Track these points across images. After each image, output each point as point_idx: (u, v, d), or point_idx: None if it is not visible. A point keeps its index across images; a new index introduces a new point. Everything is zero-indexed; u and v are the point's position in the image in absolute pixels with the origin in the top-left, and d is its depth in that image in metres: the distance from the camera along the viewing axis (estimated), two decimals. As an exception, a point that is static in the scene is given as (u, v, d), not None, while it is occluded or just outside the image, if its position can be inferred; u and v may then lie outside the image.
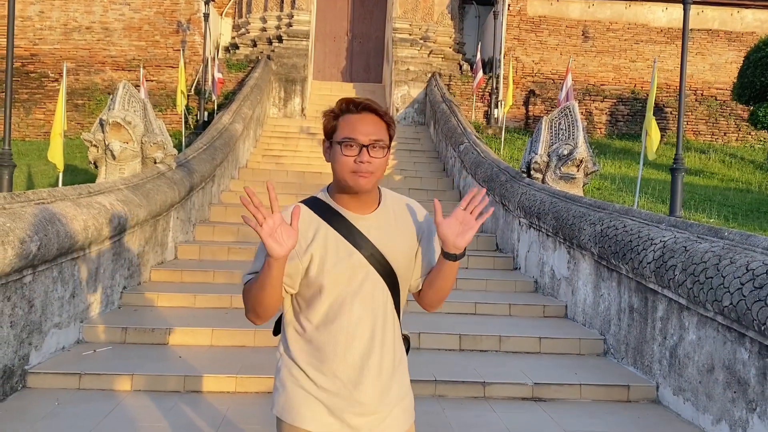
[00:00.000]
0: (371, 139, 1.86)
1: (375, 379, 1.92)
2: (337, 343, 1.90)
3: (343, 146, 1.86)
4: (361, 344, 1.91)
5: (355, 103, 1.89)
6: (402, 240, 1.98)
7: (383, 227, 1.96)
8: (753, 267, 3.57)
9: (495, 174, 9.00)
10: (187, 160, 8.40)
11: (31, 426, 3.56)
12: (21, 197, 4.33)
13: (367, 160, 1.85)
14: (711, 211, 9.68)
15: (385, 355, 1.95)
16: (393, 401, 1.97)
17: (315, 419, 1.91)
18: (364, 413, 1.92)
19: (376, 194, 1.99)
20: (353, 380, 1.91)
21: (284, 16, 17.56)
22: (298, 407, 1.92)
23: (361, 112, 1.88)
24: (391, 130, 1.93)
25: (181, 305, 5.86)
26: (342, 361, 1.90)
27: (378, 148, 1.87)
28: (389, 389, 1.96)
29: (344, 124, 1.88)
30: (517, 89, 17.13)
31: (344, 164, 1.86)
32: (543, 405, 4.29)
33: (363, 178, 1.86)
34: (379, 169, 1.89)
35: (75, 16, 17.04)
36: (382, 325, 1.94)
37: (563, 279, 6.29)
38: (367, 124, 1.87)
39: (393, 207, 2.02)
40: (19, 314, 4.07)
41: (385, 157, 1.90)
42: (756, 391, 3.46)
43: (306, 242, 1.89)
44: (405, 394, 2.03)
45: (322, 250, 1.89)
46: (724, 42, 17.99)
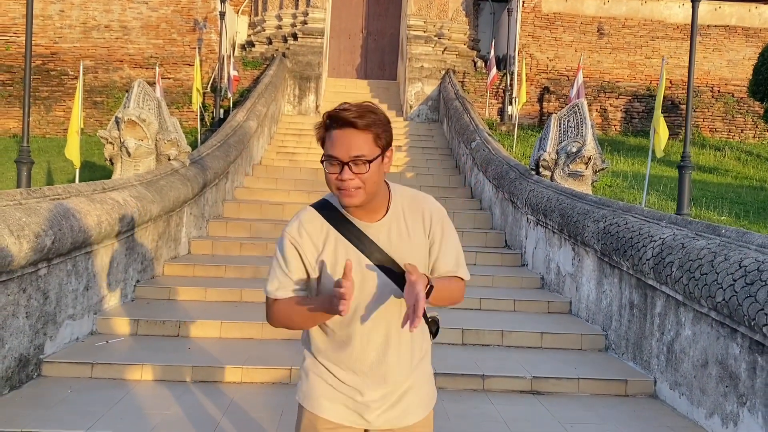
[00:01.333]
0: (351, 155, 1.81)
1: (392, 376, 1.98)
2: (354, 348, 1.96)
3: (327, 163, 1.85)
4: (375, 349, 1.96)
5: (335, 119, 1.84)
6: (413, 244, 1.97)
7: (393, 233, 1.96)
8: (746, 264, 3.63)
9: (504, 171, 9.07)
10: (201, 157, 8.57)
11: (45, 411, 3.72)
12: (37, 193, 4.50)
13: (348, 178, 1.82)
14: (722, 209, 9.67)
15: (402, 357, 1.99)
16: (411, 391, 2.03)
17: (333, 409, 1.98)
18: (382, 403, 1.99)
19: (383, 199, 1.96)
20: (370, 376, 1.97)
21: (299, 14, 17.71)
22: (318, 396, 2.00)
23: (343, 127, 1.83)
24: (380, 140, 1.86)
25: (193, 299, 6.02)
26: (358, 363, 1.97)
27: (360, 163, 1.82)
28: (407, 381, 2.01)
29: (328, 140, 1.85)
30: (531, 86, 17.15)
31: (330, 181, 1.86)
32: (541, 398, 4.38)
33: (348, 196, 1.85)
34: (367, 182, 1.84)
35: (94, 15, 17.32)
36: (398, 329, 1.95)
37: (568, 275, 6.36)
38: (347, 139, 1.82)
39: (404, 210, 1.99)
40: (35, 305, 4.24)
41: (371, 170, 1.84)
42: (746, 386, 3.53)
43: (317, 251, 1.93)
44: (425, 383, 2.07)
45: (333, 258, 1.91)
46: (742, 38, 17.84)
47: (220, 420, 3.74)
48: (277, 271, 1.95)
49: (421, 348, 2.06)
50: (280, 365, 4.51)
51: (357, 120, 1.81)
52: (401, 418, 2.02)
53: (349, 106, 1.84)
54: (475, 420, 3.93)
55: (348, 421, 1.99)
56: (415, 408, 2.04)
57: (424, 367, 2.08)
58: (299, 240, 1.93)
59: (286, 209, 9.12)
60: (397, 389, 2.00)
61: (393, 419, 2.01)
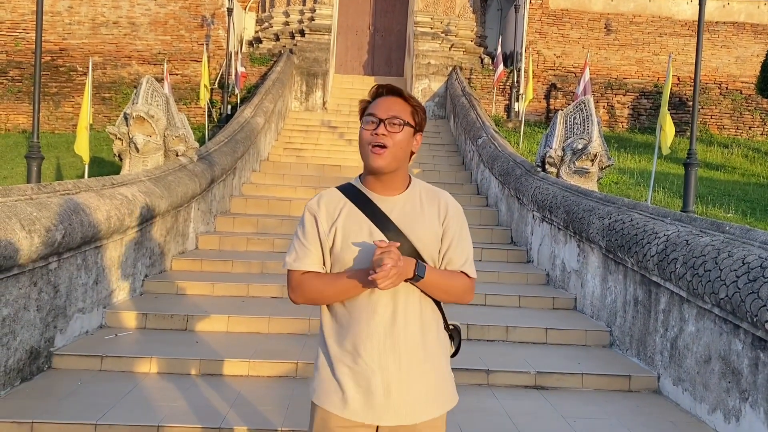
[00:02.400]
0: (389, 114, 1.97)
1: (399, 358, 1.96)
2: (359, 320, 1.98)
3: (364, 122, 2.00)
4: (382, 321, 1.97)
5: (387, 87, 2.04)
6: (426, 223, 2.03)
7: (407, 209, 2.03)
8: (749, 260, 3.65)
9: (511, 168, 9.09)
10: (208, 153, 8.63)
11: (56, 403, 3.78)
12: (47, 188, 4.56)
13: (382, 133, 1.95)
14: (729, 206, 9.67)
15: (411, 334, 1.98)
16: (422, 385, 1.99)
17: (343, 403, 1.98)
18: (389, 395, 1.96)
19: (403, 179, 2.07)
20: (375, 358, 1.96)
21: (307, 11, 17.74)
22: (328, 391, 2.01)
23: (389, 95, 2.03)
24: (417, 115, 2.03)
25: (200, 293, 6.08)
26: (364, 339, 1.97)
27: (395, 124, 1.97)
28: (417, 371, 1.98)
29: (372, 105, 2.02)
30: (538, 83, 17.13)
31: (363, 139, 1.99)
32: (544, 393, 4.42)
33: (377, 155, 1.96)
34: (396, 145, 1.97)
35: (103, 11, 17.41)
36: (405, 304, 1.98)
37: (573, 272, 6.39)
38: (389, 103, 2.00)
39: (421, 193, 2.09)
40: (45, 299, 4.30)
41: (403, 134, 1.98)
42: (748, 381, 3.56)
43: (332, 220, 2.02)
44: (440, 379, 2.04)
45: (345, 227, 2.00)
46: (750, 35, 17.77)
47: (227, 412, 3.79)
48: (295, 242, 2.06)
49: (436, 335, 2.05)
50: (286, 359, 4.56)
51: (403, 92, 2.04)
52: (411, 412, 1.98)
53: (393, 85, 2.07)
54: (479, 414, 3.97)
55: (359, 416, 1.97)
56: (425, 404, 2.00)
57: (438, 361, 2.05)
58: (317, 210, 2.04)
59: (293, 205, 9.18)
60: (405, 375, 1.96)
61: (403, 413, 1.97)
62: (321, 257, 2.03)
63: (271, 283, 6.22)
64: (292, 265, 2.04)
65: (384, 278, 1.83)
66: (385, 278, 1.83)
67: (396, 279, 1.86)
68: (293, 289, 2.04)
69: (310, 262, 2.02)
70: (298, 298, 2.04)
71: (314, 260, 2.02)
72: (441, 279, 2.00)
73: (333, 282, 1.99)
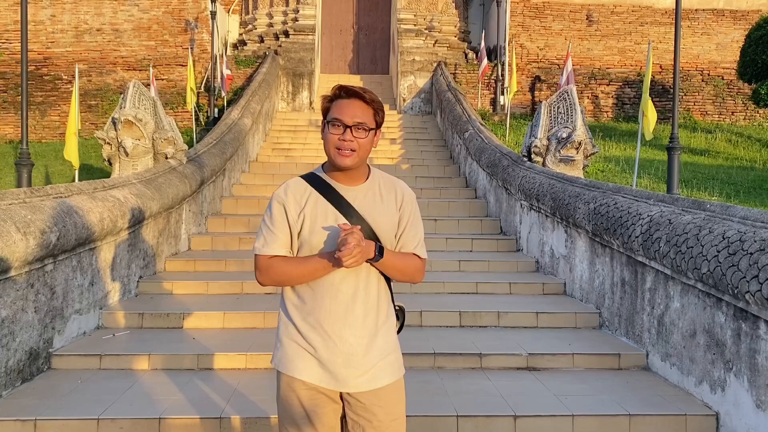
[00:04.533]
0: (355, 121, 2.12)
1: (358, 331, 2.18)
2: (324, 297, 2.17)
3: (330, 125, 2.14)
4: (344, 299, 2.17)
5: (346, 90, 2.16)
6: (385, 211, 2.24)
7: (368, 198, 2.23)
8: (729, 235, 3.76)
9: (498, 159, 9.20)
10: (197, 155, 8.68)
11: (57, 401, 3.84)
12: (40, 191, 4.61)
13: (349, 139, 2.12)
14: (713, 190, 9.82)
15: (369, 311, 2.21)
16: (377, 355, 2.21)
17: (307, 370, 2.18)
18: (349, 364, 2.17)
19: (364, 170, 2.26)
20: (337, 332, 2.16)
21: (290, 11, 17.79)
22: (292, 359, 2.20)
23: (350, 98, 2.15)
24: (378, 116, 2.19)
25: (195, 292, 6.14)
26: (327, 314, 2.17)
27: (361, 129, 2.13)
28: (373, 344, 2.20)
29: (335, 107, 2.16)
30: (522, 75, 17.27)
31: (330, 141, 2.15)
32: (536, 373, 4.52)
33: (345, 157, 2.14)
34: (362, 148, 2.15)
35: (86, 19, 17.40)
36: (365, 284, 2.20)
37: (561, 257, 6.50)
38: (353, 108, 2.14)
39: (380, 183, 2.28)
40: (42, 300, 4.36)
41: (367, 138, 2.16)
42: (732, 352, 3.67)
43: (299, 208, 2.18)
44: (391, 350, 2.27)
45: (313, 214, 2.17)
46: (730, 21, 17.98)
47: (226, 403, 3.87)
48: (264, 230, 2.22)
49: (387, 310, 2.28)
50: (282, 351, 4.63)
51: (364, 95, 2.16)
52: (371, 380, 2.19)
53: (355, 86, 2.20)
54: (473, 395, 4.06)
55: (323, 383, 2.18)
56: (383, 371, 2.21)
57: (390, 335, 2.28)
58: (285, 198, 2.20)
59: (283, 204, 9.22)
60: (364, 347, 2.17)
61: (362, 380, 2.18)
62: (289, 242, 2.20)
63: (264, 280, 6.28)
64: (261, 250, 2.20)
65: (348, 255, 2.01)
66: (350, 256, 2.02)
67: (359, 257, 2.05)
68: (261, 272, 2.21)
69: (277, 247, 2.19)
70: (265, 280, 2.21)
71: (281, 245, 2.19)
72: (397, 260, 2.22)
73: (300, 264, 2.16)
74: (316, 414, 2.19)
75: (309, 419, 2.19)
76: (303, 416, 2.20)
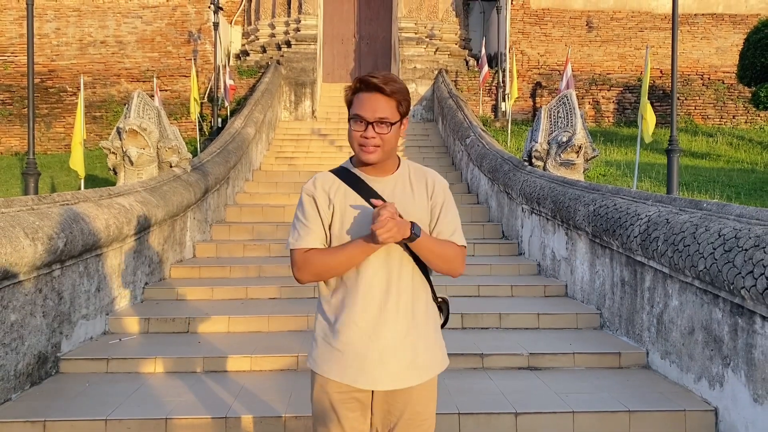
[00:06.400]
0: (377, 116, 2.06)
1: (393, 326, 2.11)
2: (356, 293, 2.12)
3: (353, 122, 2.10)
4: (378, 294, 2.11)
5: (367, 83, 2.08)
6: (416, 202, 2.17)
7: (398, 189, 2.17)
8: (724, 233, 3.82)
9: (499, 164, 9.27)
10: (201, 164, 8.78)
11: (65, 403, 3.91)
12: (47, 199, 4.70)
13: (371, 136, 2.07)
14: (714, 192, 9.86)
15: (402, 305, 2.13)
16: (413, 352, 2.14)
17: (340, 371, 2.13)
18: (384, 361, 2.10)
19: (393, 162, 2.20)
20: (371, 328, 2.10)
21: (292, 22, 17.94)
22: (326, 359, 2.15)
23: (371, 91, 2.07)
24: (402, 107, 2.11)
25: (200, 298, 6.21)
26: (361, 311, 2.11)
27: (383, 125, 2.07)
28: (408, 339, 2.13)
29: (356, 101, 2.10)
30: (523, 82, 17.36)
31: (353, 138, 2.11)
32: (538, 373, 4.57)
33: (368, 153, 2.09)
34: (387, 142, 2.10)
35: (90, 32, 17.58)
36: (398, 279, 2.13)
37: (563, 260, 6.55)
38: (374, 102, 2.07)
39: (410, 173, 2.23)
40: (50, 305, 4.44)
41: (391, 132, 2.09)
42: (729, 347, 3.72)
43: (329, 200, 2.14)
44: (429, 346, 2.19)
45: (342, 206, 2.13)
46: (729, 25, 18.05)
47: (232, 403, 3.93)
48: (297, 224, 2.17)
49: (426, 305, 2.20)
50: (287, 353, 4.70)
51: (384, 87, 2.07)
52: (403, 378, 2.12)
53: (377, 74, 2.09)
54: (475, 394, 4.12)
55: (357, 383, 2.11)
56: (415, 369, 2.14)
57: (429, 329, 2.20)
58: (314, 191, 2.16)
59: (287, 211, 9.32)
60: (399, 343, 2.11)
61: (396, 378, 2.12)
62: (323, 235, 2.14)
63: (269, 285, 6.37)
64: (295, 245, 2.14)
65: (382, 227, 1.95)
66: (383, 228, 1.95)
67: (395, 232, 1.97)
68: (299, 267, 2.13)
69: (312, 240, 2.13)
70: (304, 275, 2.13)
71: (316, 237, 2.13)
72: (434, 244, 2.12)
73: (337, 252, 2.09)
74: (346, 417, 2.15)
75: (339, 421, 2.15)
76: (334, 418, 2.16)
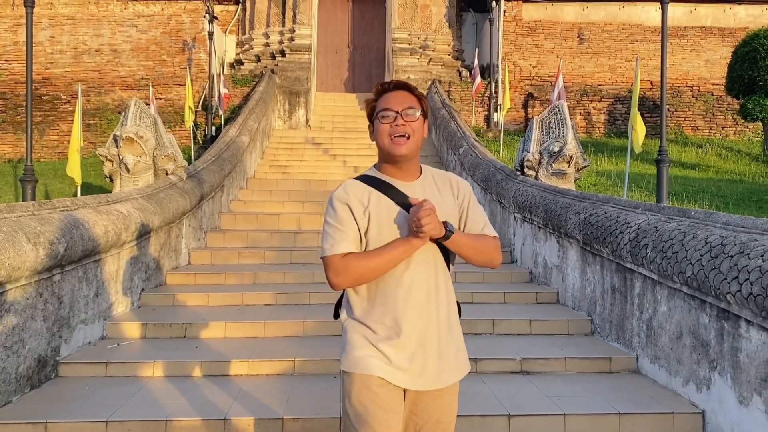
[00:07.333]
0: (404, 106, 2.16)
1: (433, 331, 2.16)
2: (396, 297, 2.14)
3: (380, 117, 2.17)
4: (419, 298, 2.15)
5: (389, 83, 2.21)
6: (445, 203, 2.23)
7: (428, 191, 2.23)
8: (711, 240, 3.94)
9: (492, 173, 9.39)
10: (197, 171, 8.85)
11: (66, 405, 3.97)
12: (47, 205, 4.77)
13: (401, 123, 2.14)
14: (703, 202, 10.01)
15: (441, 309, 2.19)
16: (450, 354, 2.22)
17: (381, 368, 2.13)
18: (425, 361, 2.15)
19: (417, 165, 2.27)
20: (415, 329, 2.14)
21: (286, 31, 18.07)
22: (367, 358, 2.15)
23: (395, 90, 2.19)
24: (423, 103, 2.22)
25: (197, 304, 6.27)
26: (402, 314, 2.14)
27: (411, 113, 2.16)
28: (446, 343, 2.20)
29: (381, 101, 2.19)
30: (515, 93, 17.55)
31: (382, 131, 2.16)
32: (530, 377, 4.66)
33: (399, 144, 2.14)
34: (416, 132, 2.17)
35: (84, 40, 17.65)
36: (435, 282, 2.19)
37: (554, 267, 6.66)
38: (400, 97, 2.18)
39: (434, 176, 2.30)
40: (50, 309, 4.50)
41: (419, 122, 2.18)
42: (716, 351, 3.82)
43: (363, 207, 2.16)
44: (461, 347, 2.29)
45: (377, 212, 2.15)
46: (718, 38, 18.31)
47: (231, 406, 3.99)
48: (330, 230, 2.16)
49: (455, 307, 2.29)
50: (284, 357, 4.77)
51: (408, 84, 2.22)
52: (444, 378, 2.19)
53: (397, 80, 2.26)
54: (468, 397, 4.19)
55: (395, 380, 2.14)
56: (454, 370, 2.22)
57: (460, 333, 2.29)
58: (347, 197, 2.17)
59: (281, 219, 9.40)
60: (441, 345, 2.18)
61: (438, 378, 2.17)
62: (358, 239, 2.15)
63: (264, 292, 6.44)
64: (331, 250, 2.12)
65: (427, 215, 2.01)
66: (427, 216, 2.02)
67: (436, 224, 2.05)
68: (337, 272, 2.11)
69: (348, 244, 2.13)
70: (342, 280, 2.12)
71: (352, 241, 2.14)
72: (469, 239, 2.21)
73: (378, 254, 2.11)
74: (393, 412, 2.14)
75: (385, 418, 2.12)
76: (379, 416, 2.12)
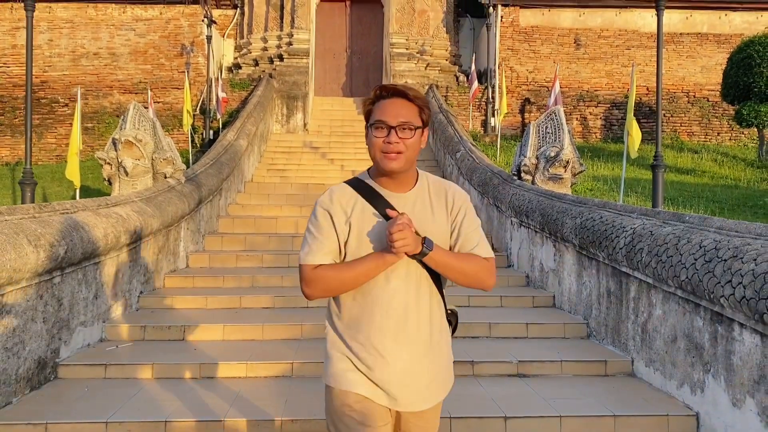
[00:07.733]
0: (399, 121, 1.99)
1: (412, 347, 2.06)
2: (373, 314, 2.05)
3: (374, 128, 2.02)
4: (395, 315, 2.05)
5: (387, 89, 2.04)
6: (436, 219, 2.10)
7: (418, 206, 2.09)
8: (705, 244, 3.99)
9: (488, 178, 9.44)
10: (195, 175, 8.88)
11: (65, 407, 4.00)
12: (48, 207, 4.80)
13: (395, 141, 1.98)
14: (698, 207, 10.08)
15: (421, 326, 2.08)
16: (433, 373, 2.12)
17: (360, 384, 2.07)
18: (404, 383, 2.06)
19: (413, 175, 2.12)
20: (389, 350, 2.05)
21: (284, 36, 18.13)
22: (345, 373, 2.08)
23: (393, 96, 2.03)
24: (424, 114, 2.05)
25: (195, 307, 6.30)
26: (378, 331, 2.04)
27: (406, 129, 1.99)
28: (427, 360, 2.10)
29: (377, 109, 2.03)
30: (512, 98, 17.62)
31: (375, 145, 2.02)
32: (526, 380, 4.70)
33: (391, 160, 2.00)
34: (410, 148, 2.01)
35: (83, 43, 17.68)
36: (416, 298, 2.07)
37: (551, 271, 6.71)
38: (396, 107, 2.01)
39: (429, 188, 2.14)
40: (50, 311, 4.52)
41: (414, 138, 2.02)
42: (710, 354, 3.87)
43: (346, 216, 2.05)
44: (444, 366, 2.18)
45: (360, 224, 2.04)
46: (714, 45, 18.42)
47: (229, 408, 4.03)
48: (309, 238, 2.08)
49: (441, 324, 2.16)
50: (282, 360, 4.81)
51: (407, 92, 2.04)
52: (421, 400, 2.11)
53: (397, 84, 2.09)
54: (465, 400, 4.24)
55: (375, 397, 2.06)
56: (433, 391, 2.14)
57: (444, 350, 2.18)
58: (330, 205, 2.08)
59: (279, 222, 9.43)
60: (418, 365, 2.08)
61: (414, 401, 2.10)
62: (336, 250, 2.06)
63: (262, 295, 6.47)
64: (305, 259, 2.06)
65: (400, 230, 1.90)
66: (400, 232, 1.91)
67: (410, 241, 1.93)
68: (308, 282, 2.04)
69: (322, 255, 2.05)
70: (313, 291, 2.05)
71: (328, 253, 2.05)
72: (452, 259, 2.06)
73: (351, 267, 2.03)
74: (377, 427, 2.07)
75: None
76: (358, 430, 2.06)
